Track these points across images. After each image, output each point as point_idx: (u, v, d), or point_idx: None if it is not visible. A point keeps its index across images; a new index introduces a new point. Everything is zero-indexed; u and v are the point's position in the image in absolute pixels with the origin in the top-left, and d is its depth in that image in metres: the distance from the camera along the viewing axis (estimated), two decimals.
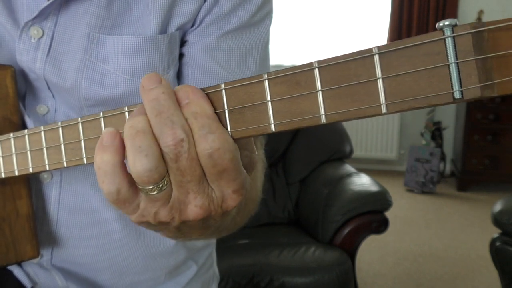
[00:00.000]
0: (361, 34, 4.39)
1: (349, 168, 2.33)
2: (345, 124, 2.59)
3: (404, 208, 3.54)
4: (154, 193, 0.36)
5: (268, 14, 0.64)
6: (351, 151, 2.45)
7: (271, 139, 2.50)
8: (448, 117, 4.29)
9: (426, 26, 4.12)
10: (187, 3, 0.58)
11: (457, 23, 0.27)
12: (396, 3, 4.13)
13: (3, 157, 0.53)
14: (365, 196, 2.05)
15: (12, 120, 0.59)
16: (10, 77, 0.58)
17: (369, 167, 4.31)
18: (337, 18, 4.38)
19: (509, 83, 0.26)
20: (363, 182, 2.15)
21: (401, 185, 3.98)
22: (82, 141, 0.44)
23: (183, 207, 0.38)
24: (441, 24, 0.27)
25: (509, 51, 0.26)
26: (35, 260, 0.66)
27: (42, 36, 0.58)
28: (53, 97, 0.61)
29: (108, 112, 0.42)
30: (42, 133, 0.47)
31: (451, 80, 0.27)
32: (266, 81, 0.33)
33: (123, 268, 0.69)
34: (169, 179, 0.36)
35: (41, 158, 0.48)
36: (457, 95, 0.27)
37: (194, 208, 0.38)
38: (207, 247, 0.81)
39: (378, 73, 0.29)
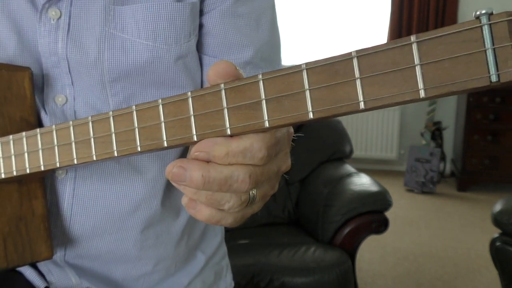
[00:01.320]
0: (361, 34, 4.39)
1: (349, 168, 2.33)
2: (345, 124, 2.59)
3: (404, 208, 3.54)
4: (255, 200, 0.42)
5: None
6: (351, 151, 2.45)
7: None
8: (448, 117, 4.29)
9: (426, 26, 4.12)
10: None
11: (493, 11, 0.29)
12: (396, 3, 4.13)
13: (28, 153, 0.53)
14: (365, 196, 2.05)
15: (29, 120, 0.60)
16: (28, 79, 0.59)
17: (369, 167, 4.31)
18: (337, 18, 4.38)
19: None
20: (363, 182, 2.15)
21: (401, 185, 3.98)
22: (113, 134, 0.44)
23: (274, 182, 0.43)
24: (478, 13, 0.29)
25: None
26: None
27: (60, 17, 0.59)
28: (72, 84, 0.62)
29: (141, 105, 0.42)
30: (71, 127, 0.48)
31: (487, 64, 0.28)
32: (305, 71, 0.34)
33: (136, 259, 0.70)
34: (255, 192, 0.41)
35: (69, 152, 0.48)
36: (493, 78, 0.28)
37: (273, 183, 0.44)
38: (214, 237, 0.82)
39: (417, 60, 0.30)
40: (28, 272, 0.67)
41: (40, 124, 0.61)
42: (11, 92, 0.59)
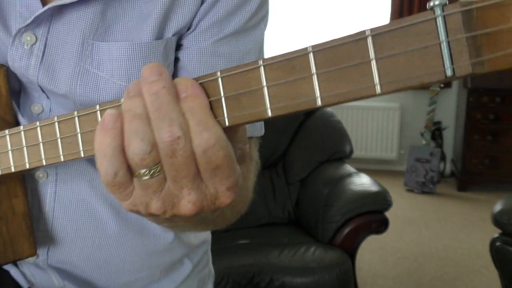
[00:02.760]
0: None
1: (349, 168, 2.33)
2: (345, 124, 2.59)
3: (404, 208, 3.54)
4: (147, 177, 0.37)
5: (264, 18, 0.64)
6: (351, 151, 2.45)
7: (271, 139, 2.50)
8: (448, 117, 4.29)
9: None
10: (183, 9, 0.58)
11: (447, 2, 0.27)
12: (396, 3, 4.13)
13: None
14: (365, 196, 2.05)
15: (6, 119, 0.59)
16: (2, 76, 0.58)
17: (369, 167, 4.31)
18: (337, 18, 4.38)
19: (498, 59, 0.26)
20: (363, 182, 2.15)
21: (401, 185, 3.98)
22: (79, 134, 0.44)
23: (176, 201, 0.38)
24: (431, 4, 0.28)
25: (497, 28, 0.26)
26: (31, 260, 0.66)
27: (35, 43, 0.57)
28: (48, 97, 0.61)
29: (105, 105, 0.42)
30: (38, 128, 0.47)
31: (442, 57, 0.28)
32: (262, 67, 0.34)
33: (119, 266, 0.69)
34: (162, 168, 0.37)
35: (37, 153, 0.48)
36: (448, 72, 0.27)
37: (187, 203, 0.38)
38: (202, 245, 0.81)
39: (372, 54, 0.30)
40: (13, 271, 0.67)
41: (18, 124, 0.60)
42: None
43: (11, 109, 0.59)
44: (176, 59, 0.62)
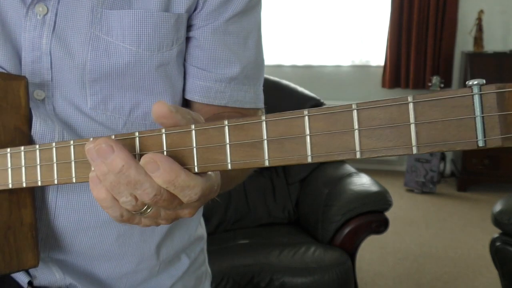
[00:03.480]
0: (361, 34, 4.39)
1: (349, 168, 2.33)
2: None
3: (404, 208, 3.54)
4: (146, 213, 0.44)
5: (260, 0, 0.71)
6: None
7: None
8: None
9: (426, 26, 4.12)
10: None
11: (484, 82, 0.31)
12: (396, 3, 4.13)
13: (12, 169, 0.54)
14: (365, 196, 2.05)
15: (22, 130, 0.60)
16: (23, 88, 0.60)
17: (369, 167, 4.31)
18: (337, 18, 4.38)
19: None
20: (363, 182, 2.15)
21: (401, 185, 3.98)
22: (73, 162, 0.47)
23: (177, 213, 0.46)
24: (470, 83, 0.31)
25: None
26: None
27: (47, 13, 0.61)
28: (51, 79, 0.63)
29: (144, 133, 0.44)
30: (54, 149, 0.50)
31: (476, 130, 0.31)
32: (307, 117, 0.37)
33: (119, 257, 0.70)
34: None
35: (51, 172, 0.50)
36: (480, 143, 0.31)
37: (186, 213, 0.46)
38: (199, 242, 0.82)
39: (412, 119, 0.33)
40: None
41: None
42: (7, 102, 0.59)
43: (28, 121, 0.61)
44: (190, 38, 0.68)
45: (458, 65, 4.21)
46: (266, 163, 0.38)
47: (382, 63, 4.33)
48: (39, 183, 0.51)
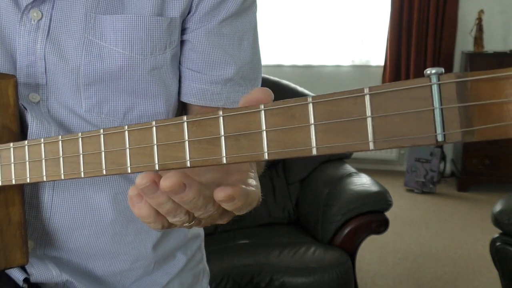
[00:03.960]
0: (361, 34, 4.39)
1: (349, 168, 2.33)
2: None
3: (404, 208, 3.54)
4: (191, 223, 0.45)
5: (255, 0, 0.71)
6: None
7: None
8: None
9: (426, 26, 4.12)
10: None
11: (443, 71, 0.29)
12: (396, 3, 4.13)
13: (1, 165, 0.54)
14: (365, 196, 2.05)
15: (11, 128, 0.60)
16: (12, 87, 0.60)
17: (369, 167, 4.31)
18: (337, 18, 4.38)
19: (488, 130, 0.28)
20: (363, 182, 2.15)
21: (401, 185, 3.98)
22: (81, 155, 0.46)
23: (215, 222, 0.47)
24: (428, 72, 0.29)
25: (489, 101, 0.28)
26: (30, 250, 0.66)
27: (41, 18, 0.62)
28: (46, 83, 0.64)
29: (108, 130, 0.44)
30: (42, 145, 0.49)
31: (435, 124, 0.29)
32: (263, 111, 0.36)
33: (114, 254, 0.71)
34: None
35: (39, 169, 0.50)
36: (439, 138, 0.29)
37: (225, 220, 0.47)
38: (195, 240, 0.83)
39: (368, 112, 0.31)
40: None
41: (21, 120, 0.62)
42: None
43: (17, 119, 0.61)
44: (184, 42, 0.68)
45: (458, 65, 4.21)
46: (223, 161, 0.37)
47: (382, 63, 4.33)
48: (28, 180, 0.51)
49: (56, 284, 0.70)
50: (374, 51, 4.40)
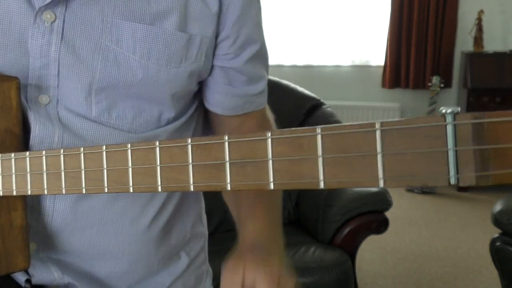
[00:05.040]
0: (361, 34, 4.39)
1: None
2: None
3: (404, 208, 3.54)
4: None
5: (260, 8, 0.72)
6: None
7: None
8: None
9: (426, 26, 4.12)
10: (196, 7, 0.64)
11: (459, 110, 0.28)
12: (396, 3, 4.13)
13: (2, 176, 0.53)
14: (365, 196, 2.05)
15: (13, 131, 0.59)
16: (15, 89, 0.59)
17: None
18: (337, 18, 4.38)
19: (505, 175, 0.26)
20: None
21: None
22: (83, 171, 0.45)
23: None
24: (443, 111, 0.28)
25: (508, 145, 0.26)
26: (32, 251, 0.66)
27: (54, 20, 0.60)
28: (57, 86, 0.62)
29: (111, 147, 0.43)
30: (44, 158, 0.48)
31: (448, 165, 0.28)
32: (270, 139, 0.34)
33: (117, 255, 0.71)
34: None
35: (40, 182, 0.49)
36: (452, 180, 0.28)
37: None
38: (199, 239, 0.83)
39: (379, 148, 0.30)
40: None
41: (25, 123, 0.62)
42: None
43: (20, 122, 0.60)
44: (227, 68, 0.70)
45: (458, 65, 4.21)
46: (228, 187, 0.36)
47: (382, 63, 4.33)
48: (29, 192, 0.50)
49: (57, 286, 0.69)
50: (374, 51, 4.40)
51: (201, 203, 0.85)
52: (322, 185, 0.32)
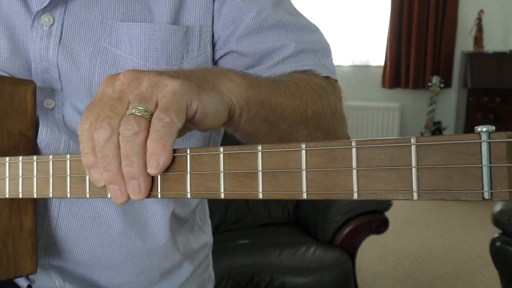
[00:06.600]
0: (361, 34, 4.39)
1: None
2: None
3: (404, 208, 3.54)
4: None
5: None
6: None
7: None
8: (448, 117, 4.29)
9: (426, 26, 4.12)
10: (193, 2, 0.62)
11: (494, 129, 0.29)
12: (396, 3, 4.13)
13: (9, 178, 0.53)
14: None
15: (28, 135, 0.59)
16: (30, 93, 0.59)
17: None
18: (337, 18, 4.38)
19: None
20: None
21: None
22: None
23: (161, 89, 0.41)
24: (479, 129, 0.29)
25: None
26: None
27: (53, 24, 0.59)
28: (61, 89, 0.62)
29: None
30: (50, 162, 0.48)
31: (482, 181, 0.29)
32: (304, 151, 0.35)
33: (120, 266, 0.69)
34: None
35: (46, 186, 0.49)
36: (486, 195, 0.29)
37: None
38: (203, 249, 0.81)
39: (414, 162, 0.31)
40: None
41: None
42: (12, 106, 0.58)
43: (34, 126, 0.60)
44: (230, 53, 0.64)
45: (458, 65, 4.21)
46: (260, 196, 0.36)
47: (382, 63, 4.33)
48: (35, 195, 0.50)
49: None
50: (374, 51, 4.40)
51: (207, 216, 0.84)
52: (356, 196, 0.33)
